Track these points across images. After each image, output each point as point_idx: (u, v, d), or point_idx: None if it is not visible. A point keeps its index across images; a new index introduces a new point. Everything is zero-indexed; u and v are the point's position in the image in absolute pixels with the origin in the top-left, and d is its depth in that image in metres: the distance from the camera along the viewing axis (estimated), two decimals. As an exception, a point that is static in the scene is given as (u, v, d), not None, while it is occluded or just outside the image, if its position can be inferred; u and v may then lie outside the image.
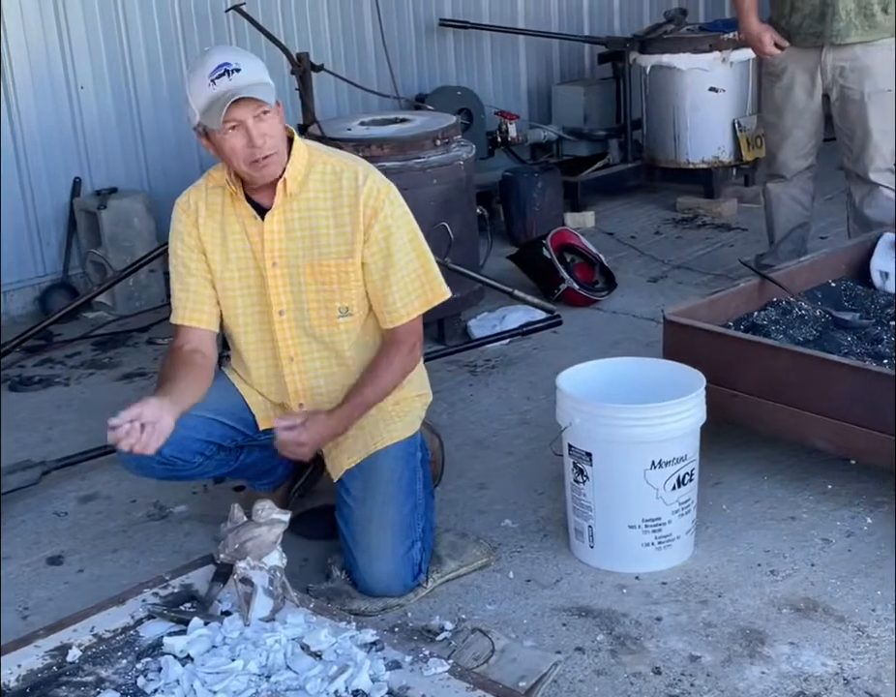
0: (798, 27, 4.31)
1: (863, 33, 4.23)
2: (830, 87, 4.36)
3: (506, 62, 6.80)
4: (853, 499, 3.14)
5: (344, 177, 2.77)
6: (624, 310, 4.79)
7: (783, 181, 4.59)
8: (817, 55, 4.32)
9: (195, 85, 2.64)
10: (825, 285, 3.88)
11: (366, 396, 2.80)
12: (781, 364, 3.14)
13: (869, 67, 4.27)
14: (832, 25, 4.23)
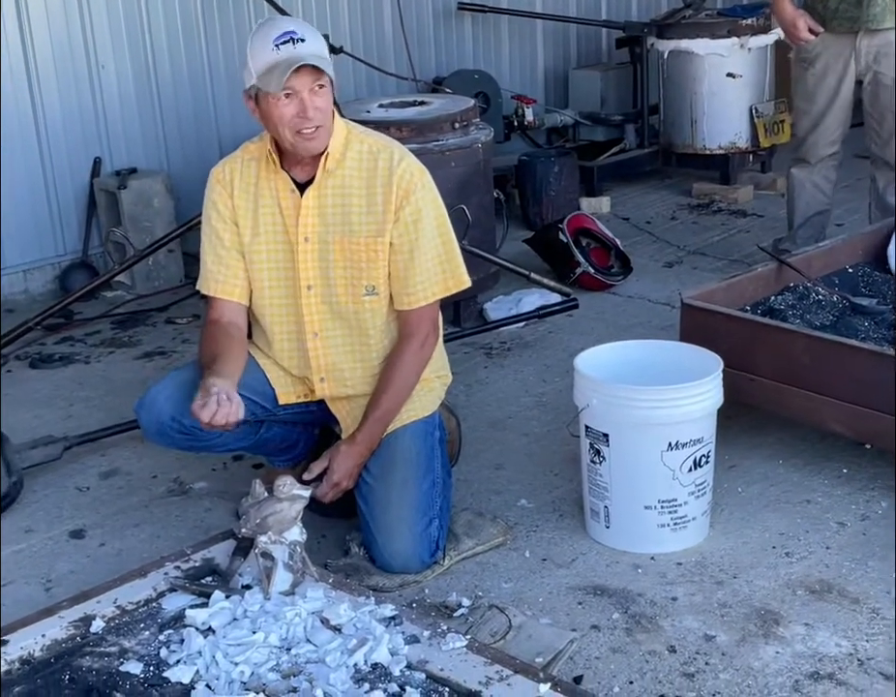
0: (835, 11, 4.30)
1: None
2: (864, 73, 4.36)
3: (523, 46, 6.80)
4: (869, 483, 3.16)
5: (381, 157, 2.80)
6: (640, 294, 4.81)
7: (807, 167, 4.59)
8: (851, 41, 4.32)
9: (258, 47, 2.66)
10: (843, 270, 3.89)
11: (383, 406, 2.82)
12: (798, 348, 3.15)
13: None
14: (868, 10, 4.23)
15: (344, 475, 2.79)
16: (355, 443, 2.80)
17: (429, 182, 2.84)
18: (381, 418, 2.82)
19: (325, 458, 2.82)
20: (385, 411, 2.82)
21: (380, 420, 2.82)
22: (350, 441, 2.81)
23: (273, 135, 2.75)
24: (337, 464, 2.78)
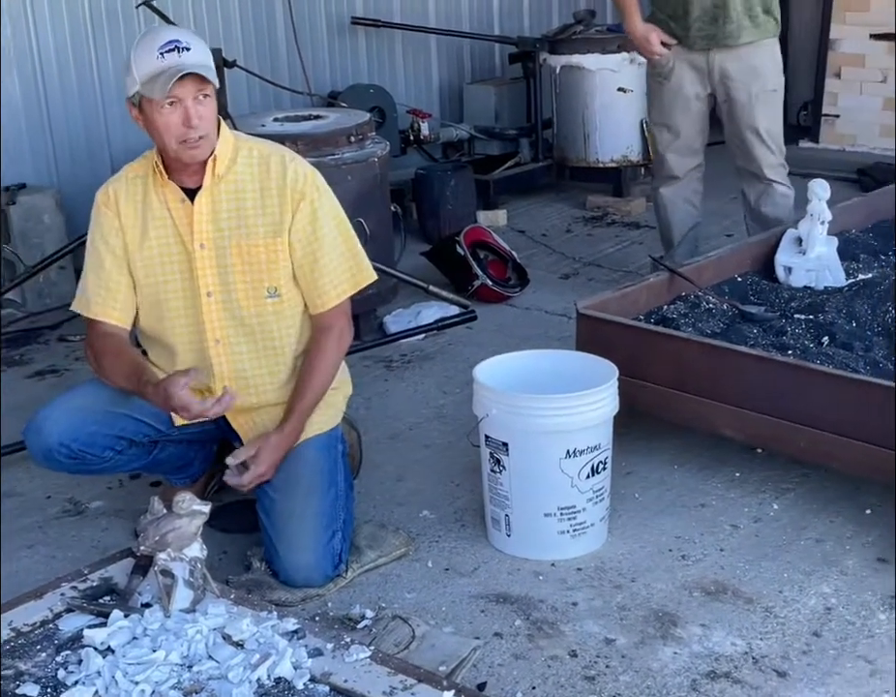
0: (691, 29, 4.32)
1: (750, 33, 4.30)
2: (718, 88, 4.40)
3: (418, 61, 6.84)
4: (760, 486, 3.24)
5: (272, 160, 2.81)
6: (537, 306, 4.86)
7: (675, 182, 4.61)
8: (704, 56, 4.36)
9: (143, 54, 2.64)
10: (732, 279, 3.98)
11: (307, 398, 2.83)
12: (690, 355, 3.23)
13: (755, 67, 4.34)
14: (724, 27, 4.28)
15: (271, 466, 2.78)
16: (284, 435, 2.80)
17: (322, 183, 2.87)
18: (306, 410, 2.83)
19: (252, 446, 2.79)
20: (309, 403, 2.83)
21: (305, 412, 2.83)
22: (279, 433, 2.80)
23: (156, 142, 2.74)
24: (266, 454, 2.77)
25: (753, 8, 4.28)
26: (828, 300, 3.73)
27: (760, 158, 4.43)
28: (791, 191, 4.49)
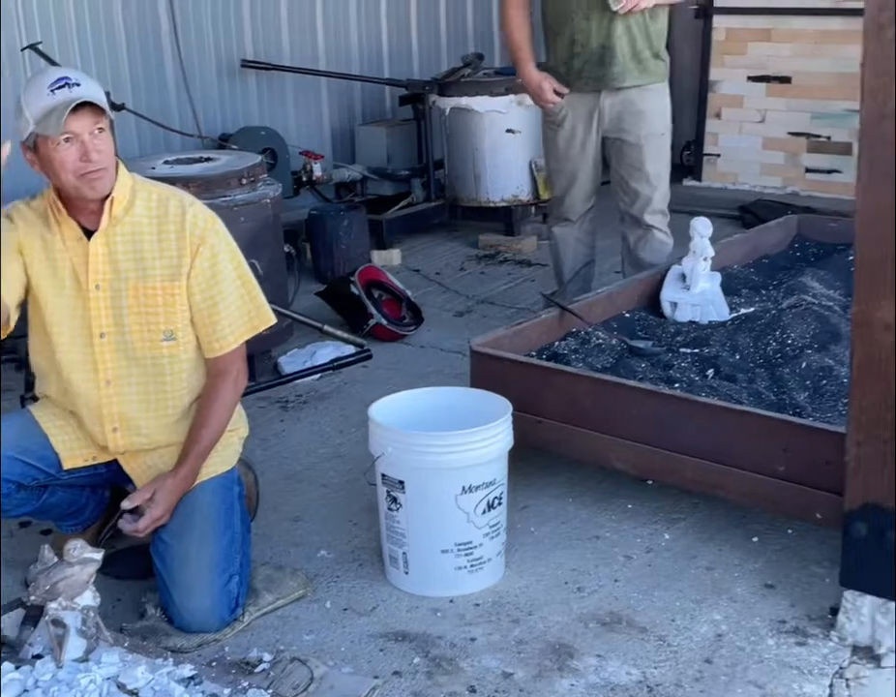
0: (579, 72, 4.37)
1: (637, 77, 4.35)
2: (609, 131, 4.45)
3: (309, 103, 6.87)
4: (652, 516, 3.31)
5: (171, 204, 2.80)
6: (432, 343, 4.90)
7: (569, 224, 4.65)
8: (595, 99, 4.40)
9: (33, 95, 2.62)
10: (620, 315, 4.08)
11: (204, 441, 2.82)
12: (581, 390, 3.29)
13: (644, 112, 4.39)
14: (611, 69, 4.32)
15: (167, 510, 2.75)
16: (180, 478, 2.77)
17: (221, 227, 2.87)
18: (202, 453, 2.81)
19: (147, 490, 2.76)
20: (206, 446, 2.82)
21: (202, 455, 2.81)
22: (175, 476, 2.77)
23: (55, 183, 2.71)
24: (162, 497, 2.74)
25: (640, 52, 4.33)
26: (713, 334, 3.84)
27: (642, 202, 4.48)
28: (669, 239, 4.54)
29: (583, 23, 4.28)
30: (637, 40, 4.30)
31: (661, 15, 4.38)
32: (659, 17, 4.37)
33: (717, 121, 7.14)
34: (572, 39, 4.33)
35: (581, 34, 4.30)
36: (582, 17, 4.28)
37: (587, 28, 4.28)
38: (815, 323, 3.78)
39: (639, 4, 4.16)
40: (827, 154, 6.67)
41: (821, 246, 4.86)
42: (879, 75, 2.21)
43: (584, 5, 4.25)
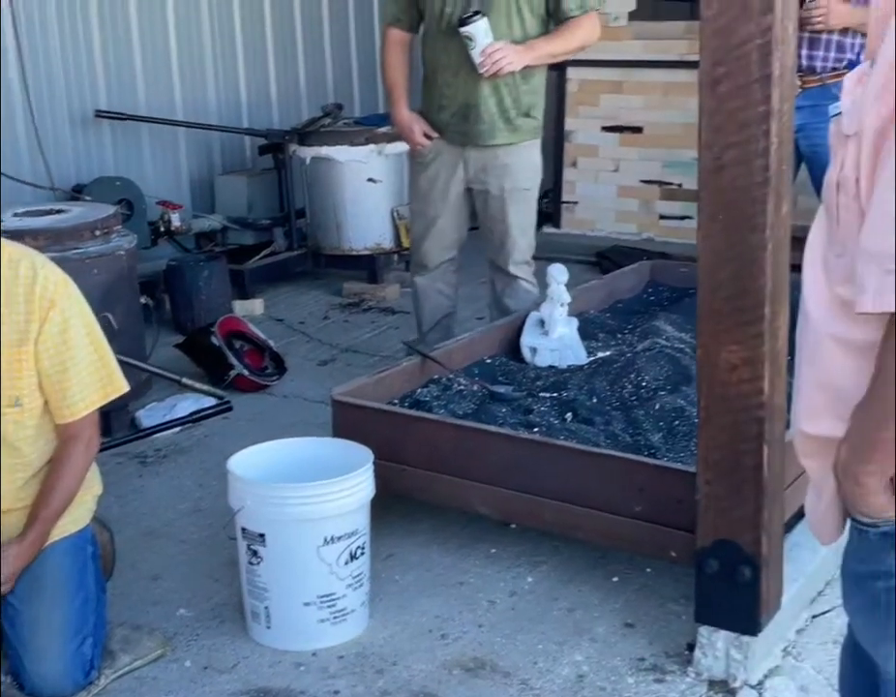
0: (447, 124, 4.39)
1: (505, 136, 4.35)
2: (473, 182, 4.45)
3: (166, 153, 6.79)
4: (515, 560, 3.34)
5: (22, 265, 2.68)
6: (295, 393, 4.88)
7: (427, 272, 4.65)
8: (461, 150, 4.41)
9: None
10: (481, 361, 4.12)
11: (52, 506, 2.71)
12: (443, 437, 3.31)
13: (509, 165, 4.39)
14: (476, 127, 4.32)
15: (12, 577, 2.64)
16: (27, 544, 2.67)
17: (74, 291, 2.77)
18: (51, 518, 2.72)
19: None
20: (55, 511, 2.72)
21: (51, 519, 2.72)
22: (21, 542, 2.66)
23: None
24: (8, 564, 2.63)
25: (508, 111, 4.32)
26: (571, 378, 3.91)
27: (507, 254, 4.50)
28: (534, 288, 4.58)
29: (451, 79, 4.30)
30: (505, 100, 4.29)
31: (535, 75, 4.36)
32: (533, 77, 4.35)
33: (574, 170, 7.31)
34: (441, 91, 4.36)
35: (448, 89, 4.33)
36: (450, 73, 4.30)
37: (455, 84, 4.30)
38: (667, 366, 3.88)
39: (503, 68, 4.16)
40: (679, 201, 6.88)
41: (673, 290, 5.01)
42: (714, 129, 2.31)
43: (454, 61, 4.26)
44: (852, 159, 1.40)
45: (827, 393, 1.48)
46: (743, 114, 2.29)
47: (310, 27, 7.59)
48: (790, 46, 2.29)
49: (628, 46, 6.92)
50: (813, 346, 1.50)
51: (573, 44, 4.36)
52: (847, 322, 1.42)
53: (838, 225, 1.44)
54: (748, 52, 2.24)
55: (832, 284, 1.46)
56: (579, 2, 4.27)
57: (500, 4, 4.19)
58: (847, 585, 1.56)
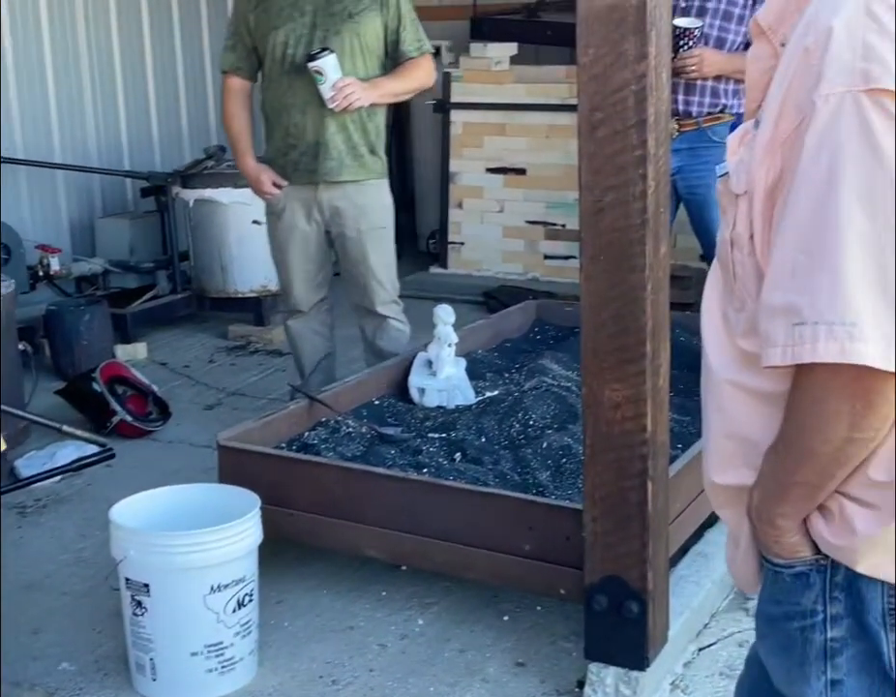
0: (296, 164, 4.39)
1: (354, 172, 4.38)
2: (330, 225, 4.46)
3: (45, 196, 6.65)
4: (406, 602, 3.33)
5: None
6: (180, 439, 4.80)
7: (302, 316, 4.64)
8: (313, 192, 4.41)
9: None
10: (370, 403, 4.11)
11: None
12: (331, 480, 3.29)
13: (362, 206, 4.42)
14: (326, 163, 4.34)
15: None
16: None
17: None
18: None
19: None
20: None
21: None
22: None
23: None
24: None
25: (357, 147, 4.36)
26: (459, 418, 3.93)
27: (373, 294, 4.51)
28: (405, 326, 4.60)
29: (299, 117, 4.32)
30: (353, 136, 4.34)
31: (378, 113, 4.44)
32: (377, 115, 4.43)
33: (459, 211, 7.37)
34: (287, 132, 4.36)
35: (296, 128, 4.34)
36: (297, 112, 4.32)
37: (303, 123, 4.32)
38: (554, 404, 3.93)
39: (353, 103, 4.21)
40: (563, 241, 6.99)
41: (559, 329, 5.08)
42: (593, 172, 2.36)
43: (301, 100, 4.29)
44: (744, 217, 1.44)
45: (737, 442, 1.51)
46: (621, 158, 2.35)
47: (192, 68, 7.55)
48: (664, 93, 2.35)
49: (510, 90, 7.03)
50: (718, 397, 1.53)
51: (414, 83, 4.46)
52: (752, 373, 1.45)
53: (735, 280, 1.48)
54: (624, 98, 2.30)
55: (733, 337, 1.49)
56: (417, 44, 4.38)
57: (343, 42, 4.25)
58: (761, 626, 1.58)
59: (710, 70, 4.68)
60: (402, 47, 4.36)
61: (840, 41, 1.30)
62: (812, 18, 1.36)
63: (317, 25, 4.28)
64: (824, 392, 1.34)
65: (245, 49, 4.44)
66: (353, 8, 4.29)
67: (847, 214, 1.28)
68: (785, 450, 1.42)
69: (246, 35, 4.41)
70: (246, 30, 4.41)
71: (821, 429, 1.36)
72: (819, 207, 1.30)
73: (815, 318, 1.30)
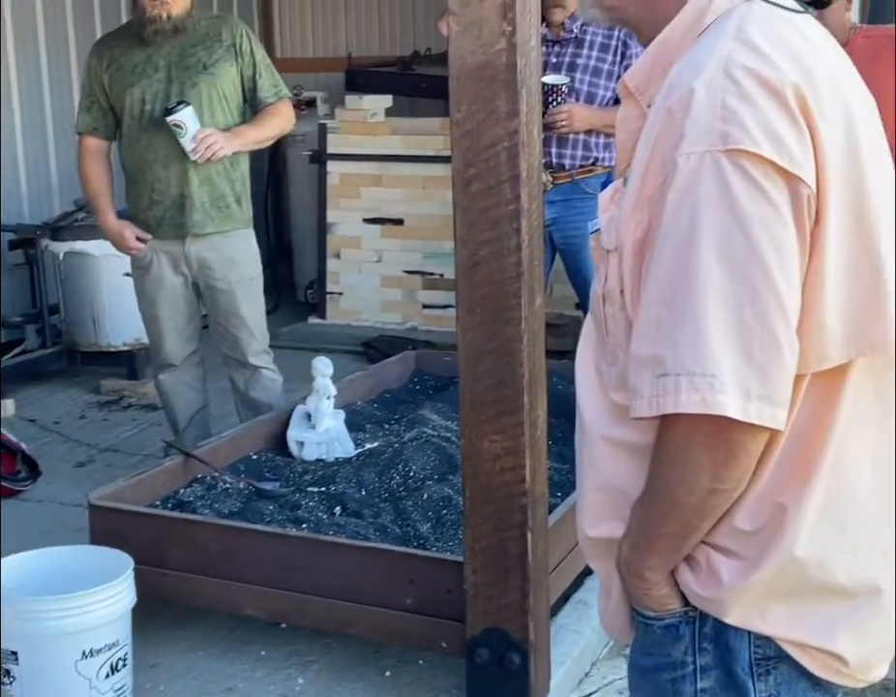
0: (161, 219, 4.36)
1: (220, 224, 4.37)
2: (198, 277, 4.44)
3: None
4: (286, 661, 3.27)
5: None
6: (51, 498, 4.65)
7: (174, 370, 4.59)
8: (180, 246, 4.39)
9: None
10: (247, 457, 4.05)
11: None
12: (208, 538, 3.23)
13: (231, 257, 4.41)
14: (191, 217, 4.32)
15: None
16: None
17: None
18: None
19: None
20: None
21: None
22: None
23: None
24: None
25: (222, 199, 4.35)
26: (339, 471, 3.90)
27: (244, 345, 4.49)
28: (278, 376, 4.58)
29: (162, 172, 4.29)
30: (218, 187, 4.33)
31: (242, 162, 4.44)
32: (241, 163, 4.42)
33: (337, 261, 7.36)
34: (151, 187, 4.33)
35: (160, 183, 4.31)
36: (160, 167, 4.29)
37: (166, 177, 4.30)
38: (434, 455, 3.93)
39: (216, 153, 4.19)
40: (441, 290, 7.02)
41: (438, 379, 5.09)
42: (468, 226, 2.38)
43: (162, 155, 4.26)
44: (615, 272, 1.46)
45: (609, 495, 1.52)
46: (495, 212, 2.38)
47: (61, 119, 7.40)
48: (535, 148, 2.39)
49: (386, 141, 7.08)
50: (591, 450, 1.54)
51: (274, 129, 4.48)
52: (623, 426, 1.47)
53: (607, 334, 1.50)
54: (497, 154, 2.33)
55: (606, 391, 1.51)
56: (274, 90, 4.40)
57: (200, 94, 4.26)
58: (633, 677, 1.59)
59: (581, 125, 4.80)
60: (259, 94, 4.37)
61: (701, 102, 1.34)
62: (675, 80, 1.40)
63: (173, 79, 4.27)
64: (687, 443, 1.36)
65: (101, 109, 4.41)
66: (207, 59, 4.30)
67: (706, 269, 1.32)
68: (651, 502, 1.44)
69: (101, 95, 4.38)
70: (101, 90, 4.38)
71: (684, 480, 1.38)
72: (680, 262, 1.34)
73: (677, 369, 1.32)
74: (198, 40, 4.32)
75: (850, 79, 1.46)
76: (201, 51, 4.30)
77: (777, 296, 1.31)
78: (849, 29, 5.06)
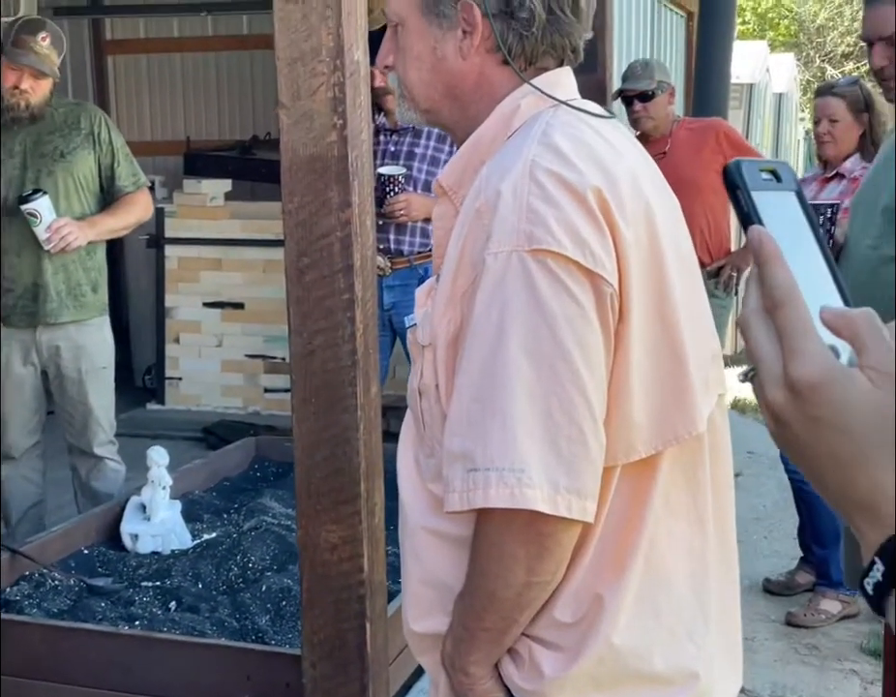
0: (13, 308, 4.32)
1: (75, 312, 4.37)
2: (48, 365, 4.41)
3: None
4: (118, 766, 3.14)
5: None
6: None
7: (12, 462, 4.50)
8: (31, 334, 4.36)
9: None
10: (79, 552, 3.90)
11: None
12: (35, 639, 3.09)
13: (83, 346, 4.40)
14: (45, 305, 4.30)
15: None
16: None
17: None
18: None
19: None
20: None
21: None
22: None
23: None
24: None
25: (78, 287, 4.35)
26: (175, 564, 3.79)
27: (91, 435, 4.45)
28: (121, 466, 4.55)
29: (15, 260, 4.24)
30: (73, 276, 4.31)
31: (99, 250, 4.44)
32: (97, 252, 4.42)
33: (176, 345, 7.25)
34: (4, 275, 4.25)
35: (12, 271, 4.24)
36: (13, 255, 4.23)
37: (19, 265, 4.24)
38: (274, 544, 3.86)
39: (70, 244, 4.16)
40: (283, 374, 6.98)
41: (279, 465, 5.01)
42: (302, 316, 2.38)
43: (15, 243, 4.21)
44: (430, 367, 1.49)
45: (433, 589, 1.52)
46: (329, 302, 2.38)
47: None
48: (369, 239, 2.41)
49: (226, 225, 7.05)
50: (414, 543, 1.54)
51: (132, 218, 4.48)
52: (442, 518, 1.48)
53: (424, 428, 1.52)
54: (330, 244, 2.34)
55: (425, 481, 1.52)
56: (132, 179, 4.41)
57: (56, 182, 4.22)
58: None
59: (418, 213, 4.88)
60: (117, 183, 4.36)
61: (507, 203, 1.39)
62: (484, 182, 1.44)
63: (28, 166, 4.23)
64: (501, 537, 1.38)
65: None
66: (65, 147, 4.25)
67: (514, 365, 1.35)
68: (470, 596, 1.45)
69: None
70: None
71: (500, 573, 1.39)
72: (489, 358, 1.37)
73: (487, 464, 1.35)
74: (56, 127, 4.28)
75: (652, 182, 1.52)
76: (58, 139, 4.26)
77: (583, 391, 1.34)
78: (672, 120, 5.30)
